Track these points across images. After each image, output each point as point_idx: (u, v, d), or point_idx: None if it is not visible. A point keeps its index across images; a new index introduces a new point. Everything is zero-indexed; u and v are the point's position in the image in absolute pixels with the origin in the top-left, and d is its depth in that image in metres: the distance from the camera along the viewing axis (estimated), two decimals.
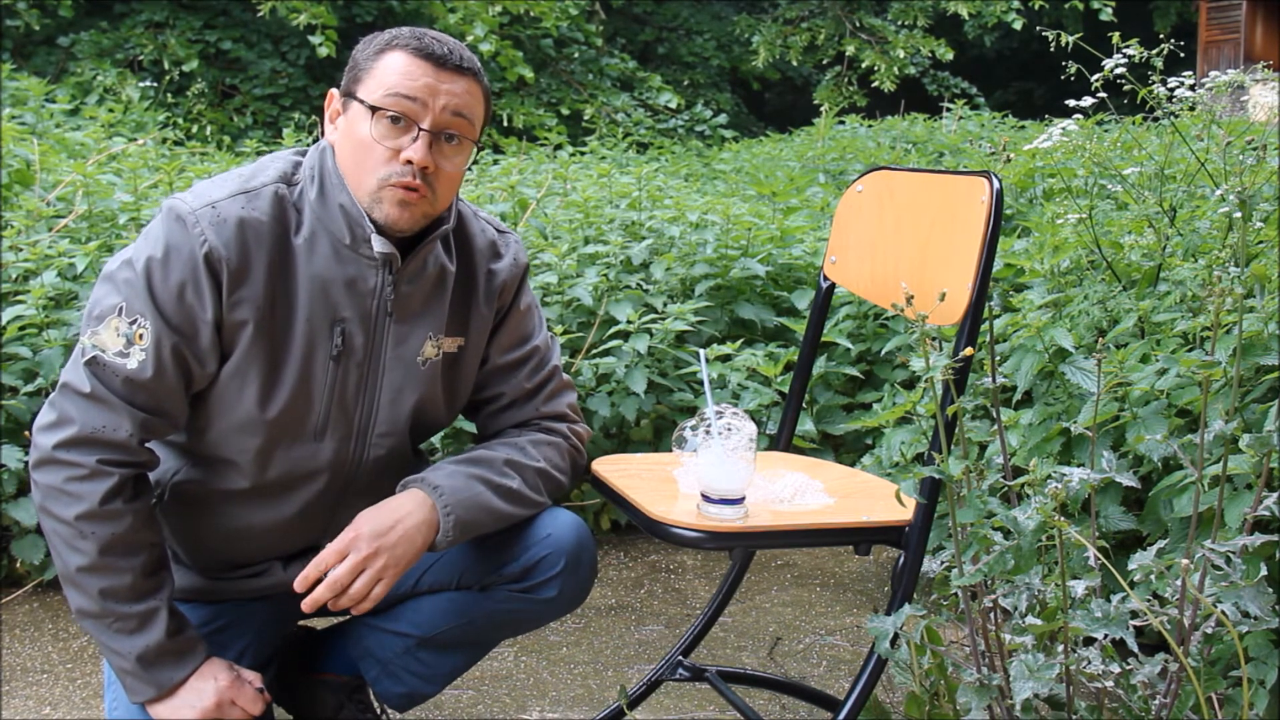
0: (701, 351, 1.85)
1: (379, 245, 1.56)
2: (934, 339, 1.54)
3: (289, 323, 1.56)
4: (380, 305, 1.60)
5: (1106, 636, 1.43)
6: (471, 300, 1.70)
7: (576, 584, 1.74)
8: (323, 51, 9.72)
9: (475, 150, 1.60)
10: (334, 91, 1.62)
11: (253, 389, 1.55)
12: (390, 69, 1.53)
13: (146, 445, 1.56)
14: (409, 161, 1.52)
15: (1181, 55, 2.80)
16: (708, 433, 1.60)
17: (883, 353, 3.31)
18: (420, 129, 1.53)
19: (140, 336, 1.50)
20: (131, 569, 1.54)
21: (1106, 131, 4.12)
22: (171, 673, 1.57)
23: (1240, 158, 2.63)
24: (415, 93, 1.52)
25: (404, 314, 1.62)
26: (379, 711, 1.91)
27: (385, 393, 1.64)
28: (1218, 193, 2.37)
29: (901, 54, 12.80)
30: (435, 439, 2.90)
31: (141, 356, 1.50)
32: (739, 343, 3.27)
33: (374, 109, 1.52)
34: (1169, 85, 2.66)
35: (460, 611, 1.75)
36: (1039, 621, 1.53)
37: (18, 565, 2.79)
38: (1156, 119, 3.13)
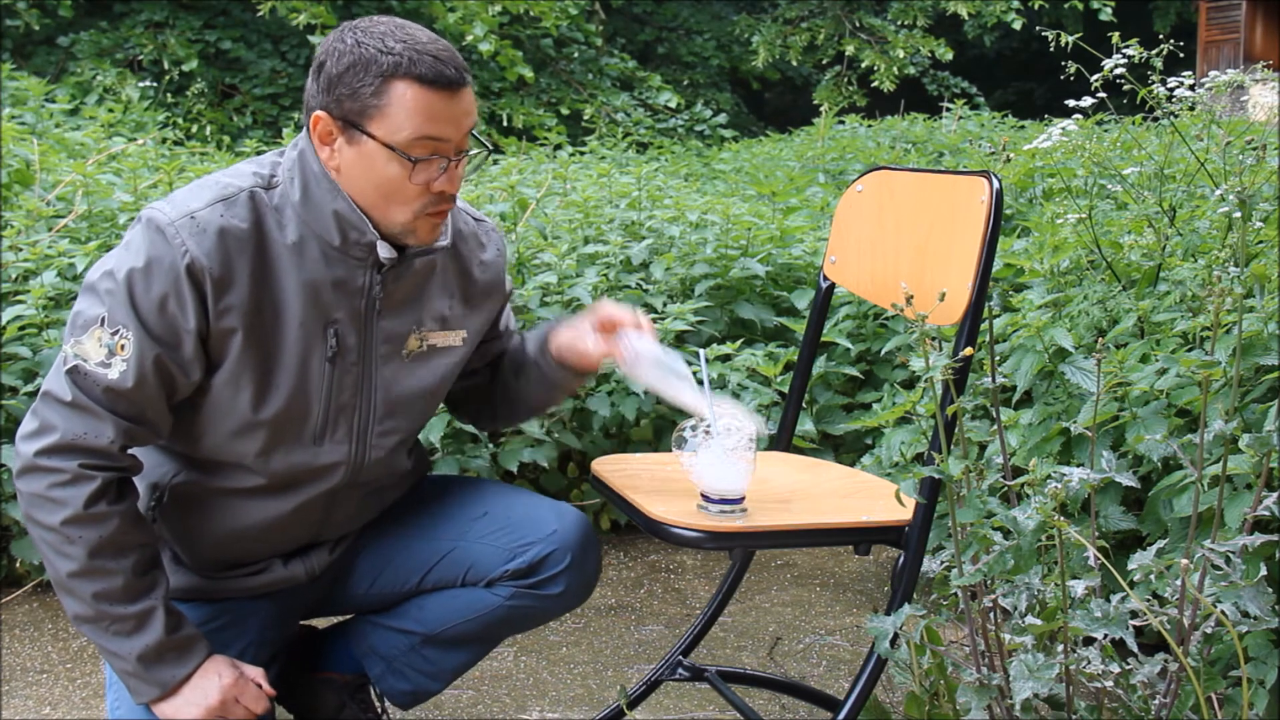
0: (701, 351, 1.85)
1: (385, 252, 1.56)
2: (934, 339, 1.54)
3: (279, 327, 1.55)
4: (369, 304, 1.60)
5: (1106, 636, 1.43)
6: (458, 294, 1.71)
7: (582, 579, 1.75)
8: None
9: None
10: (323, 115, 1.51)
11: (247, 394, 1.55)
12: (407, 107, 1.48)
13: (129, 452, 1.56)
14: (442, 193, 1.54)
15: (1181, 55, 2.80)
16: (707, 433, 1.60)
17: (883, 353, 3.31)
18: (449, 160, 1.53)
19: (122, 347, 1.50)
20: (123, 570, 1.53)
21: (1106, 131, 4.12)
22: (174, 670, 1.57)
23: (1240, 158, 2.63)
24: (442, 133, 1.51)
25: (392, 310, 1.63)
26: (380, 711, 1.92)
27: (380, 390, 1.64)
28: (1218, 193, 2.37)
29: (901, 54, 12.80)
30: (435, 438, 2.90)
31: (123, 367, 1.50)
32: (739, 343, 3.27)
33: (405, 154, 1.49)
34: (1169, 85, 2.66)
35: (465, 608, 1.76)
36: (1039, 621, 1.53)
37: (18, 565, 2.79)
38: (1156, 119, 3.13)
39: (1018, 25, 12.19)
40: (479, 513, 1.77)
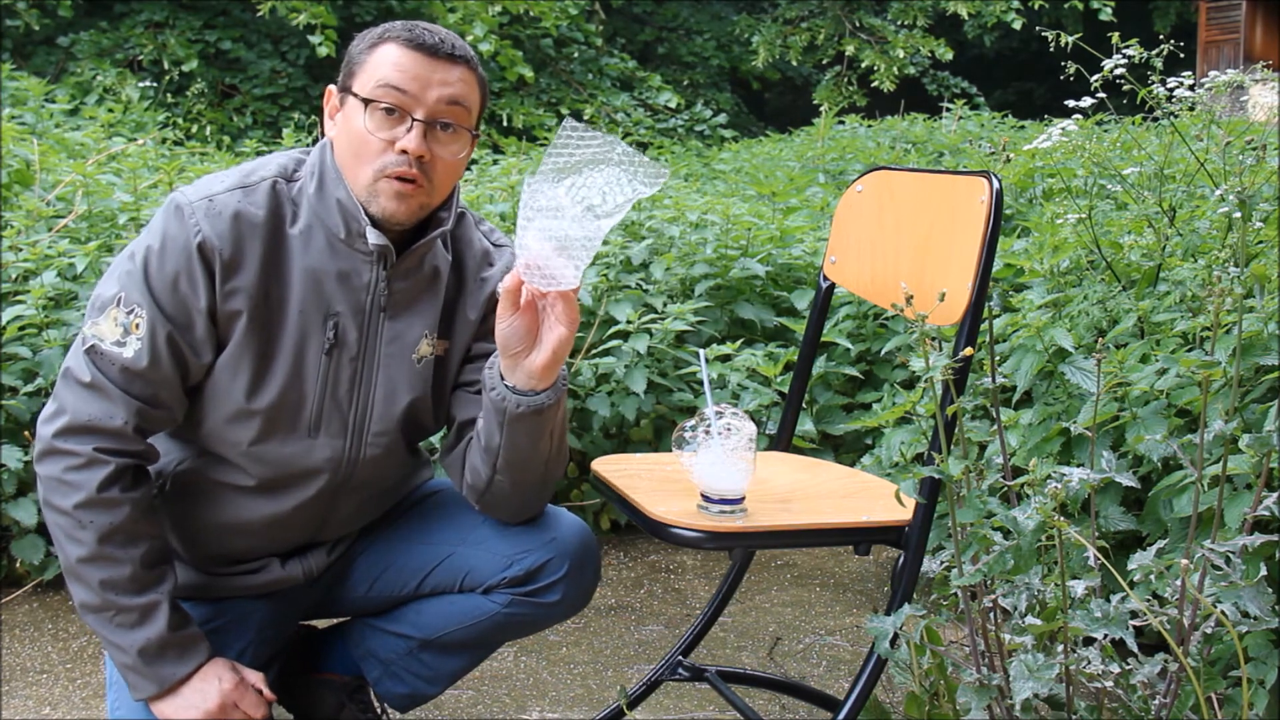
0: (701, 351, 1.85)
1: (374, 238, 1.57)
2: (934, 339, 1.54)
3: (281, 314, 1.57)
4: (374, 300, 1.61)
5: (1106, 636, 1.43)
6: (458, 306, 1.70)
7: (580, 588, 1.74)
8: (322, 51, 9.71)
9: (473, 139, 1.60)
10: (332, 88, 1.63)
11: (243, 379, 1.57)
12: (382, 61, 1.55)
13: (144, 436, 1.57)
14: (404, 151, 1.53)
15: (1181, 55, 2.80)
16: (707, 433, 1.60)
17: (883, 353, 3.31)
18: (414, 119, 1.54)
19: (137, 326, 1.53)
20: (131, 560, 1.55)
21: (1106, 131, 4.12)
22: (174, 668, 1.58)
23: (1240, 158, 2.63)
24: (406, 84, 1.53)
25: (397, 310, 1.63)
26: (379, 711, 1.92)
27: (380, 389, 1.64)
28: (1217, 193, 2.37)
29: (901, 54, 12.80)
30: (435, 439, 2.90)
31: (138, 345, 1.52)
32: (739, 343, 3.27)
33: (367, 101, 1.54)
34: (1168, 85, 2.66)
35: (463, 614, 1.75)
36: (1039, 621, 1.53)
37: (18, 565, 2.79)
38: (1156, 119, 3.13)
39: (1018, 25, 12.19)
40: (478, 518, 1.77)
